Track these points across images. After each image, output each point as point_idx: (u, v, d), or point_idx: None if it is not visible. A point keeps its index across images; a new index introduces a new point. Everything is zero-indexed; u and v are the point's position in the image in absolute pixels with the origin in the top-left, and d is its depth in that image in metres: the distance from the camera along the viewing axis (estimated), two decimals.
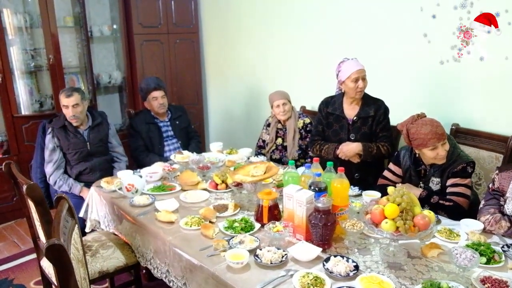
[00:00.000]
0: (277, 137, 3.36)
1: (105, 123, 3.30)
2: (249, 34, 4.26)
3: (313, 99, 3.77)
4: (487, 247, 1.78)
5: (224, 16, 4.49)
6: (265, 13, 4.03)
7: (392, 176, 2.47)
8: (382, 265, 1.75)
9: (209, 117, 5.09)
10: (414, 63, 2.99)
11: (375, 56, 3.06)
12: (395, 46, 3.08)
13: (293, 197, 1.97)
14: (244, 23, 4.28)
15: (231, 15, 4.41)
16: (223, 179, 2.61)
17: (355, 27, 3.31)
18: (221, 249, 1.86)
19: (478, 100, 2.74)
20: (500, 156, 2.62)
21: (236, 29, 4.40)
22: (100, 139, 3.25)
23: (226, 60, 4.62)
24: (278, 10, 3.90)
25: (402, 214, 1.67)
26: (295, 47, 3.83)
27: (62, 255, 1.33)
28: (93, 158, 3.21)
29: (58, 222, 1.56)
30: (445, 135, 2.19)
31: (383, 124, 2.71)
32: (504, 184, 2.05)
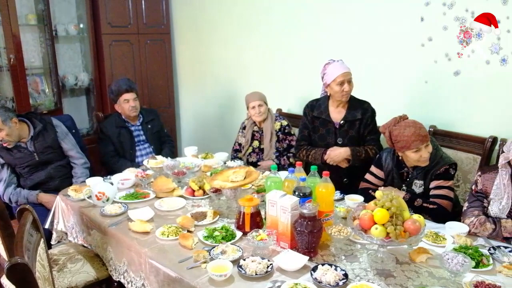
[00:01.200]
0: (253, 139, 3.27)
1: (50, 128, 3.06)
2: (223, 35, 4.16)
3: (290, 102, 3.72)
4: (475, 251, 1.75)
5: (197, 16, 4.37)
6: (241, 13, 3.94)
7: (374, 179, 2.43)
8: (371, 273, 1.69)
9: (182, 120, 4.95)
10: (397, 65, 2.97)
11: (356, 57, 3.02)
12: (376, 47, 3.05)
13: (276, 203, 1.88)
14: (219, 23, 4.17)
15: (204, 15, 4.29)
16: (200, 185, 2.49)
17: (334, 28, 3.27)
18: (201, 260, 1.74)
19: (455, 102, 2.75)
20: (478, 158, 2.62)
21: (209, 29, 4.28)
22: (48, 146, 3.02)
23: (200, 62, 4.50)
24: (254, 10, 3.82)
25: (392, 219, 1.61)
26: (272, 48, 3.75)
27: (26, 275, 1.19)
28: (47, 166, 3.02)
29: (21, 236, 1.40)
30: (428, 136, 2.16)
31: (371, 127, 2.67)
32: (488, 185, 2.04)
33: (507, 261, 1.73)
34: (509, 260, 1.75)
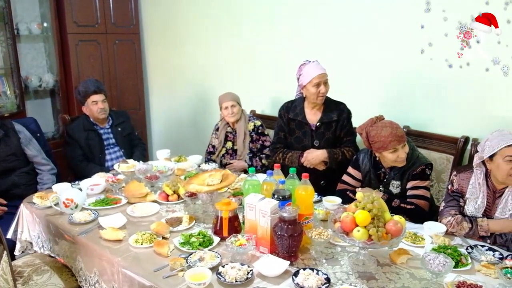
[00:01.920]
0: (226, 140, 3.21)
1: (12, 134, 2.90)
2: (195, 35, 4.08)
3: (264, 103, 3.68)
4: (454, 250, 1.76)
5: (167, 16, 4.27)
6: (213, 13, 3.87)
7: (351, 180, 2.42)
8: (353, 276, 1.66)
9: (153, 123, 4.82)
10: (372, 65, 2.98)
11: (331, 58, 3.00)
12: (350, 48, 3.05)
13: (255, 207, 1.82)
14: (190, 24, 4.09)
15: (175, 15, 4.20)
16: (174, 189, 2.41)
17: (308, 29, 3.26)
18: (178, 268, 1.67)
19: (428, 102, 2.78)
20: (451, 157, 2.66)
21: (181, 29, 4.19)
22: (11, 154, 2.86)
23: (171, 63, 4.40)
24: (227, 10, 3.76)
25: (374, 221, 1.59)
26: (246, 49, 3.71)
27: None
28: (10, 174, 2.86)
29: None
30: (405, 137, 2.17)
31: (347, 129, 2.65)
32: (463, 185, 2.06)
33: (485, 260, 1.75)
34: (486, 259, 1.76)
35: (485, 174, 2.01)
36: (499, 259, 1.77)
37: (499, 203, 1.97)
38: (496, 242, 1.90)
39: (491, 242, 1.92)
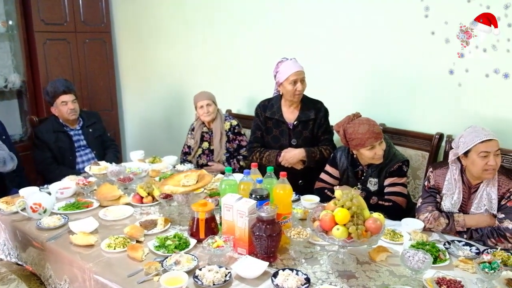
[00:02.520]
0: (203, 141, 3.15)
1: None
2: (169, 34, 4.00)
3: (240, 102, 3.64)
4: (432, 246, 1.76)
5: (140, 14, 4.17)
6: (186, 11, 3.80)
7: (329, 178, 2.40)
8: (333, 275, 1.64)
9: (126, 124, 4.70)
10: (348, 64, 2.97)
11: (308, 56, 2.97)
12: (327, 46, 3.04)
13: (232, 208, 1.78)
14: (163, 22, 4.00)
15: (147, 13, 4.11)
16: (148, 191, 2.34)
17: (285, 27, 3.22)
18: (153, 273, 1.61)
19: (403, 100, 2.79)
20: (426, 154, 2.68)
21: (154, 28, 4.10)
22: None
23: (144, 62, 4.30)
24: (200, 8, 3.69)
25: (353, 219, 1.57)
26: (221, 47, 3.65)
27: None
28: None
29: None
30: (382, 134, 2.17)
31: (324, 127, 2.63)
32: (440, 181, 2.07)
33: (462, 255, 1.76)
34: (464, 254, 1.77)
35: (460, 170, 2.03)
36: (476, 254, 1.78)
37: (475, 199, 1.99)
38: (472, 237, 1.92)
39: (468, 237, 1.93)
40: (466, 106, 2.56)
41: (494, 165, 1.87)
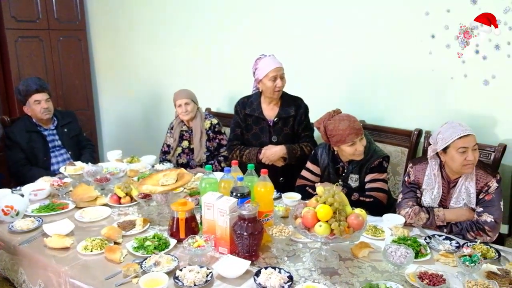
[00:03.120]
0: (182, 139, 3.10)
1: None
2: (146, 32, 3.92)
3: (219, 100, 3.60)
4: (414, 241, 1.76)
5: (115, 11, 4.08)
6: (164, 9, 3.74)
7: (310, 175, 2.39)
8: (316, 272, 1.62)
9: (103, 123, 4.60)
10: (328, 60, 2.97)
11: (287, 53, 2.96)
12: (306, 43, 3.03)
13: (213, 206, 1.75)
14: (140, 20, 3.93)
15: (124, 11, 4.02)
16: (126, 191, 2.28)
17: (263, 23, 3.20)
18: (132, 275, 1.56)
19: (382, 97, 2.81)
20: (405, 150, 2.70)
21: (130, 25, 4.02)
22: None
23: (121, 60, 4.21)
24: (178, 5, 3.64)
25: (336, 215, 1.56)
26: (200, 45, 3.61)
27: None
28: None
29: None
30: (362, 130, 2.17)
31: (305, 124, 2.62)
32: (419, 176, 2.09)
33: (443, 249, 1.77)
34: (444, 248, 1.78)
35: (439, 165, 2.04)
36: (456, 247, 1.79)
37: (454, 193, 2.00)
38: (452, 231, 1.94)
39: (447, 231, 1.95)
40: (445, 102, 2.59)
41: (473, 159, 1.89)
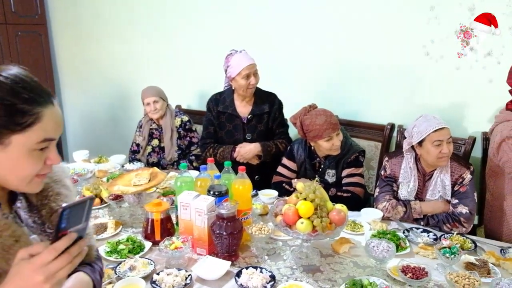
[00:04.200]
0: (152, 138, 3.00)
1: None
2: (111, 26, 3.77)
3: (189, 97, 3.52)
4: (393, 235, 1.76)
5: (78, 5, 3.91)
6: (130, 3, 3.60)
7: (287, 172, 2.36)
8: (298, 270, 1.59)
9: (68, 122, 4.40)
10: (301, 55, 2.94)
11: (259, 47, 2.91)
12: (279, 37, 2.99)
13: (190, 206, 1.68)
14: (105, 13, 3.77)
15: (87, 3, 3.85)
16: (96, 192, 2.17)
17: (234, 17, 3.14)
18: (106, 281, 1.47)
19: (356, 91, 2.82)
20: (379, 144, 2.72)
21: (94, 20, 3.86)
22: None
23: (86, 57, 4.03)
24: (146, 1, 3.51)
25: (317, 211, 1.53)
26: (168, 40, 3.50)
27: None
28: None
29: None
30: (339, 124, 2.15)
31: (279, 120, 2.58)
32: (395, 169, 2.10)
33: (421, 242, 1.78)
34: (423, 240, 1.79)
35: (415, 158, 2.06)
36: (434, 240, 1.81)
37: (429, 186, 2.02)
38: (429, 224, 1.95)
39: (424, 224, 1.97)
40: (416, 97, 2.62)
41: (448, 152, 1.91)
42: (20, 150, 0.87)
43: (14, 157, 0.86)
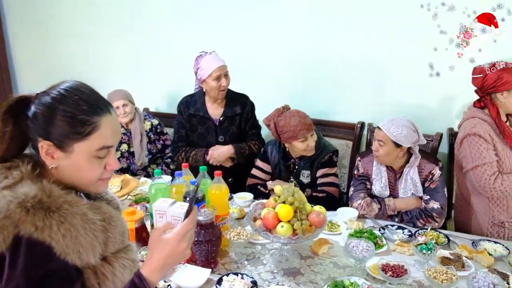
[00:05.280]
0: (121, 143, 2.90)
1: None
2: (73, 26, 3.62)
3: (158, 100, 3.44)
4: (370, 233, 1.78)
5: (37, 4, 3.73)
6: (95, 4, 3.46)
7: (261, 174, 2.34)
8: (279, 274, 1.58)
9: None
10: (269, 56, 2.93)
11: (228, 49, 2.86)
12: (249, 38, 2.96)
13: (166, 213, 1.62)
14: (66, 13, 3.61)
15: (47, 2, 3.68)
16: None
17: (203, 18, 3.08)
18: None
19: (325, 91, 2.84)
20: (350, 143, 2.76)
21: (54, 19, 3.69)
22: None
23: (45, 59, 3.86)
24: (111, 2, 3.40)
25: (297, 214, 1.52)
26: (133, 42, 3.40)
27: None
28: None
29: None
30: (313, 125, 2.16)
31: (252, 121, 2.56)
32: (368, 168, 2.13)
33: (397, 239, 1.81)
34: (398, 237, 1.83)
35: None
36: (409, 236, 1.85)
37: (400, 184, 2.07)
38: (403, 220, 1.99)
39: (399, 220, 2.00)
40: (385, 95, 2.67)
41: (376, 151, 2.01)
42: (82, 157, 0.97)
43: (78, 163, 0.97)
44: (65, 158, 0.96)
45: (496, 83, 1.99)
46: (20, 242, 0.87)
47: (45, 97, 0.97)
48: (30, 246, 0.87)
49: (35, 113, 0.96)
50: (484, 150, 1.95)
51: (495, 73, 1.97)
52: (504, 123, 2.03)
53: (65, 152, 0.95)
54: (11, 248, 0.87)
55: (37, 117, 0.95)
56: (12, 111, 0.97)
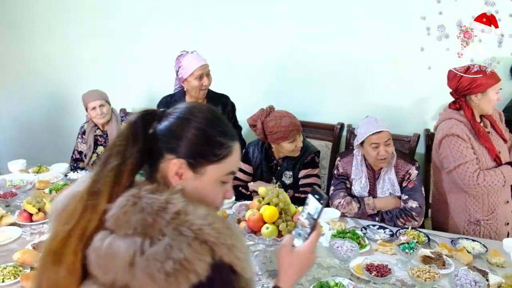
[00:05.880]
0: (97, 145, 2.84)
1: None
2: (46, 25, 3.51)
3: (135, 100, 3.37)
4: (353, 233, 1.80)
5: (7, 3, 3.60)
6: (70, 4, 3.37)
7: (242, 175, 2.33)
8: (264, 276, 1.57)
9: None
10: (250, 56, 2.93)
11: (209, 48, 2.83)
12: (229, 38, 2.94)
13: None
14: (39, 12, 3.50)
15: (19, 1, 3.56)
16: (39, 206, 2.01)
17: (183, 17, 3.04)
18: None
19: (305, 92, 2.85)
20: (329, 144, 2.78)
21: (27, 18, 3.57)
22: None
23: (18, 59, 3.72)
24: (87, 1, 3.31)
25: (282, 216, 1.52)
26: (111, 42, 3.31)
27: None
28: None
29: None
30: (301, 126, 2.17)
31: (233, 122, 2.54)
32: (347, 168, 2.15)
33: (379, 238, 1.83)
34: (380, 237, 1.85)
35: (363, 156, 2.12)
36: (390, 236, 1.87)
37: (378, 184, 2.10)
38: (384, 219, 2.02)
39: (379, 220, 2.03)
40: (364, 96, 2.71)
41: (384, 154, 2.00)
42: (210, 180, 0.92)
43: (205, 187, 0.92)
44: (193, 180, 0.90)
45: (470, 85, 2.03)
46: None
47: (181, 114, 0.92)
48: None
49: (170, 128, 0.90)
50: (464, 149, 1.99)
51: (470, 76, 2.03)
52: (478, 124, 2.09)
53: (196, 174, 0.90)
54: None
55: (173, 131, 0.90)
56: (143, 125, 0.90)
